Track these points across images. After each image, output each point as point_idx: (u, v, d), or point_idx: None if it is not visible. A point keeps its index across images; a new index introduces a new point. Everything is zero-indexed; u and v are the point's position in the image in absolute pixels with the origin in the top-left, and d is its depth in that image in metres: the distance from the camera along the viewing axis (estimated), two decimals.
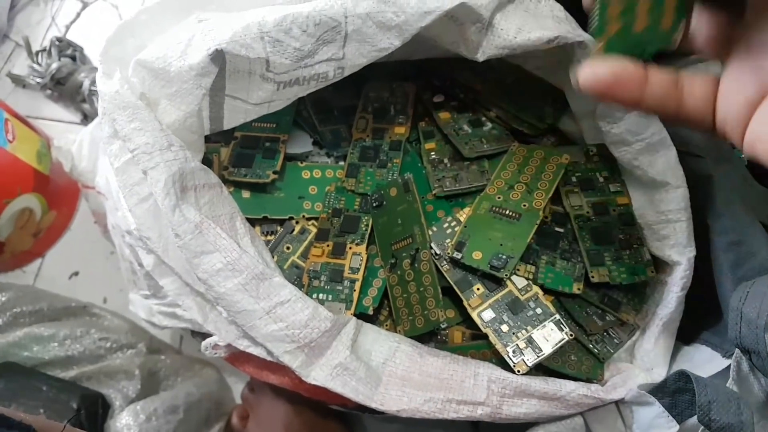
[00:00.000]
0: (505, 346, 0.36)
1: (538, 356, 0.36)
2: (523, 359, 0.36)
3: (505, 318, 0.37)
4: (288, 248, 0.42)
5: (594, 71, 0.23)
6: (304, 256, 0.42)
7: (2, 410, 0.29)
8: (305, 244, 0.43)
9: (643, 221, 0.41)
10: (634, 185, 0.42)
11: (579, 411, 0.37)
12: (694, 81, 0.22)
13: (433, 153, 0.45)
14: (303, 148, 0.46)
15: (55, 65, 0.62)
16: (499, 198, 0.41)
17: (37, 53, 0.65)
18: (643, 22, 0.25)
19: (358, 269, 0.40)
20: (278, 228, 0.43)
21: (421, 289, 0.38)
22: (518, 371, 0.35)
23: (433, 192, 0.43)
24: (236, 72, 0.35)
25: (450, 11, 0.35)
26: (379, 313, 0.41)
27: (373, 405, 0.34)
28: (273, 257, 0.40)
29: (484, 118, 0.46)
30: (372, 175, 0.44)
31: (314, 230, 0.43)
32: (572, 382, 0.36)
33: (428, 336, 0.40)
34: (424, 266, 0.39)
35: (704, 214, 0.40)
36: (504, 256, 0.38)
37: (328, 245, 0.41)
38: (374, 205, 0.42)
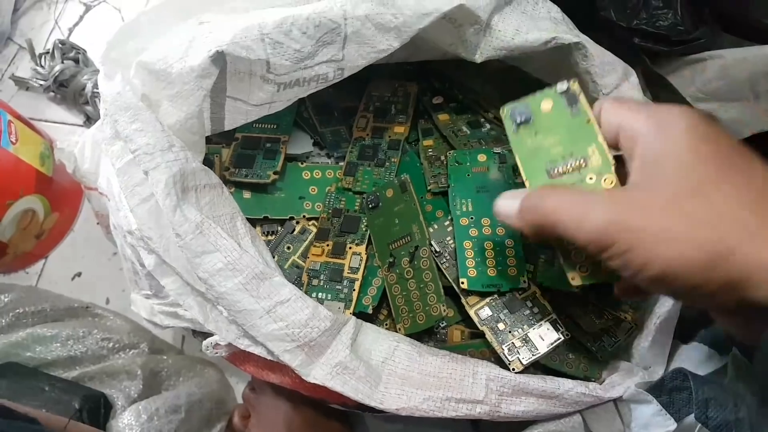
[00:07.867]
0: (501, 344, 0.37)
1: (534, 355, 0.36)
2: (518, 357, 0.36)
3: (502, 316, 0.37)
4: (288, 248, 0.43)
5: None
6: (305, 255, 0.42)
7: (8, 404, 0.29)
8: (306, 244, 0.43)
9: None
10: None
11: (577, 409, 0.37)
12: None
13: (430, 150, 0.45)
14: (303, 149, 0.47)
15: (58, 68, 0.62)
16: None
17: (40, 56, 0.65)
18: (493, 271, 0.37)
19: (358, 269, 0.40)
20: (279, 228, 0.44)
21: (422, 285, 0.39)
22: (513, 369, 0.36)
23: (429, 188, 0.43)
24: (237, 73, 0.35)
25: (448, 13, 0.35)
26: (378, 312, 0.41)
27: (373, 404, 0.34)
28: (273, 257, 0.40)
29: (482, 119, 0.47)
30: (370, 173, 0.44)
31: (314, 230, 0.43)
32: (570, 381, 0.36)
33: (427, 335, 0.40)
34: (424, 263, 0.39)
35: None
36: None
37: (327, 245, 0.42)
38: (370, 206, 0.42)
